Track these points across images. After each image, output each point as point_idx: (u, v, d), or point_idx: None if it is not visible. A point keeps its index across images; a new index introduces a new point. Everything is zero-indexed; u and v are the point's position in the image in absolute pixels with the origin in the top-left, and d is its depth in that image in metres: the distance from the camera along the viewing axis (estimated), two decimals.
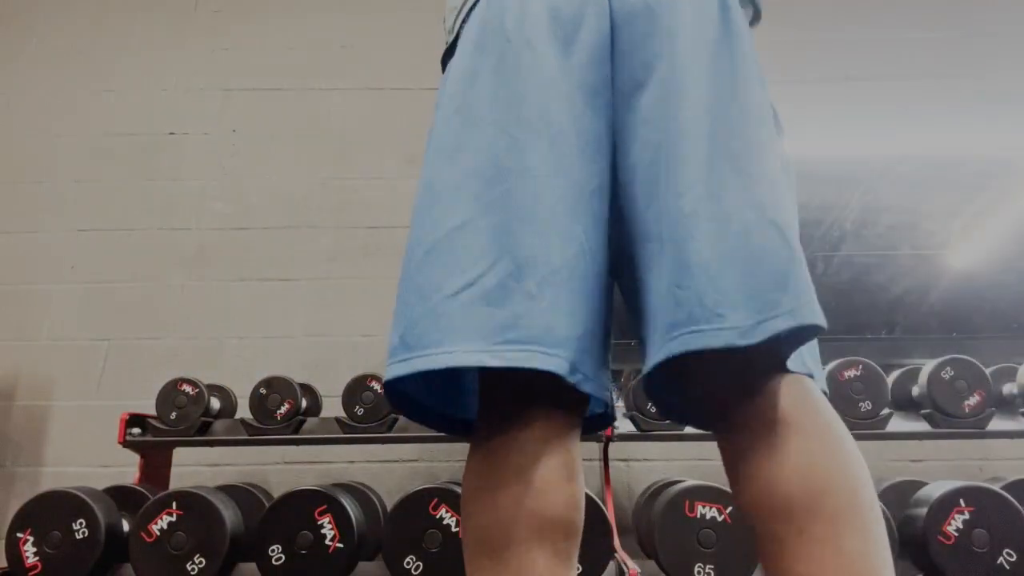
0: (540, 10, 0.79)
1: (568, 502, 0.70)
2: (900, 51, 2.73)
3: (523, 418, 0.71)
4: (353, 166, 2.57)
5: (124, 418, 1.76)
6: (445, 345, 0.66)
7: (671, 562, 1.35)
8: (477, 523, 0.70)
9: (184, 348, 2.33)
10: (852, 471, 0.64)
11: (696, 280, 0.65)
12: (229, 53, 2.74)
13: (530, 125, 0.74)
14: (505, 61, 0.77)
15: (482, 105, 0.76)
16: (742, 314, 0.63)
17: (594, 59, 0.78)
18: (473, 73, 0.79)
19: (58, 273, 2.41)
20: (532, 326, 0.66)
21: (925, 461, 2.16)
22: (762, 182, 0.70)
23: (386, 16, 2.79)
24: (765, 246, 0.66)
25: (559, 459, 0.71)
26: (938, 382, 1.65)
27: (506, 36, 0.78)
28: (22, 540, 1.40)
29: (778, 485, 0.63)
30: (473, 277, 0.68)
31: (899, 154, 2.62)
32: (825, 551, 0.60)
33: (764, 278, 0.65)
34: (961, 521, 1.33)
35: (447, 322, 0.66)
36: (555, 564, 0.67)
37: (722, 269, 0.65)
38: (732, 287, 0.64)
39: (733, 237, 0.66)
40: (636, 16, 0.78)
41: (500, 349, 0.65)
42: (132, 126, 2.62)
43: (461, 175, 0.74)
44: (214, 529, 1.41)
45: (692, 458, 2.18)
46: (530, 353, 0.65)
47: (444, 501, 1.42)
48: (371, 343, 2.34)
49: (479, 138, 0.75)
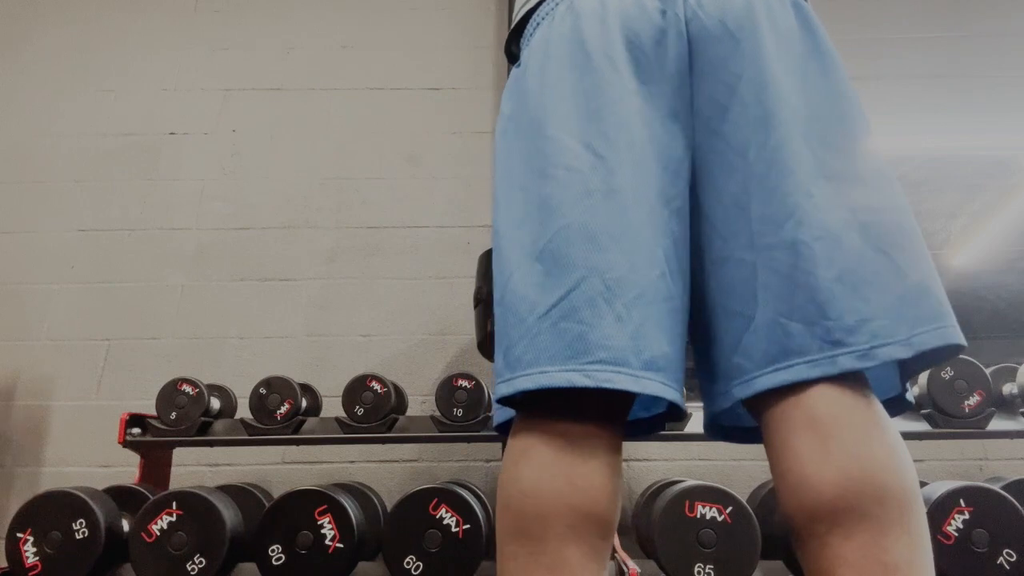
0: (619, 30, 0.78)
1: (608, 502, 0.70)
2: (900, 51, 2.73)
3: (575, 416, 0.71)
4: (353, 166, 2.57)
5: (124, 418, 1.76)
6: (541, 365, 0.68)
7: (671, 562, 1.35)
8: (516, 511, 0.70)
9: (184, 348, 2.33)
10: (903, 477, 0.63)
11: (804, 312, 0.66)
12: (229, 53, 2.74)
13: (614, 143, 0.74)
14: (587, 78, 0.77)
15: (564, 118, 0.76)
16: (856, 338, 0.64)
17: (673, 82, 0.78)
18: (551, 81, 0.78)
19: (58, 273, 2.41)
20: (622, 348, 0.67)
21: (925, 461, 2.16)
22: (864, 190, 0.70)
23: (386, 16, 2.79)
24: (873, 270, 0.67)
25: (604, 459, 0.71)
26: (938, 382, 1.65)
27: (585, 49, 0.78)
28: (22, 540, 1.40)
29: (828, 488, 0.62)
30: (563, 294, 0.69)
31: (899, 154, 2.62)
32: (870, 556, 0.60)
33: (876, 304, 0.66)
34: (961, 521, 1.33)
35: (541, 342, 0.68)
36: (588, 560, 0.68)
37: (832, 298, 0.66)
38: (843, 313, 0.65)
39: (838, 264, 0.67)
40: (714, 39, 0.78)
41: (592, 370, 0.66)
42: (132, 126, 2.62)
43: (547, 190, 0.73)
44: (214, 529, 1.41)
45: (692, 458, 2.18)
46: (619, 374, 0.67)
47: (444, 501, 1.42)
48: (371, 343, 2.34)
49: (563, 153, 0.74)
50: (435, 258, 2.44)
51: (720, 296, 0.74)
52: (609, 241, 0.70)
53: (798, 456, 0.65)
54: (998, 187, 2.61)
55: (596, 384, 0.66)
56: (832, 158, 0.70)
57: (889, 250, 0.68)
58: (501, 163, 0.81)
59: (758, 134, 0.72)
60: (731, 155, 0.74)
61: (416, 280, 2.41)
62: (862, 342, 0.64)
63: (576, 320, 0.68)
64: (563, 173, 0.73)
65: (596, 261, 0.69)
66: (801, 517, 0.64)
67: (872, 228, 0.68)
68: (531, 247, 0.72)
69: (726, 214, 0.74)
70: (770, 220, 0.69)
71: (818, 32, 0.79)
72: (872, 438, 0.64)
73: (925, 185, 2.59)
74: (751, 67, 0.75)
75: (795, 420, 0.67)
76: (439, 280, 2.41)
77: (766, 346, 0.68)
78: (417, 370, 2.30)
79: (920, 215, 2.52)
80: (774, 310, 0.68)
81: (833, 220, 0.68)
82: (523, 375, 0.69)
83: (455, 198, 2.52)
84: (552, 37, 0.81)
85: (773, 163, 0.71)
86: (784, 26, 0.78)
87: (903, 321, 0.65)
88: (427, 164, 2.57)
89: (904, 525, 0.61)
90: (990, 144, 2.64)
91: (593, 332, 0.67)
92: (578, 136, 0.74)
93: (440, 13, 2.81)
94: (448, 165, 2.57)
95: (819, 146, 0.71)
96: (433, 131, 2.62)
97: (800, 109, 0.72)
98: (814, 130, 0.71)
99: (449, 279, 2.40)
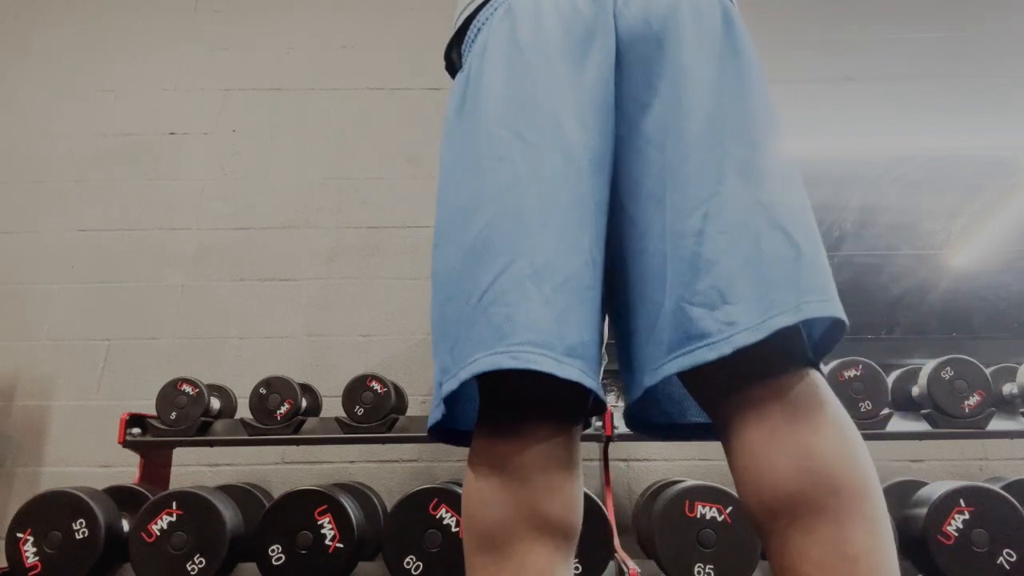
0: (553, 25, 0.80)
1: (569, 502, 0.71)
2: (900, 51, 2.73)
3: (526, 419, 0.71)
4: (353, 166, 2.57)
5: (124, 418, 1.76)
6: (474, 354, 0.67)
7: (671, 562, 1.35)
8: (479, 521, 0.70)
9: (184, 348, 2.33)
10: (859, 468, 0.64)
11: (706, 296, 0.66)
12: (229, 53, 2.74)
13: (543, 132, 0.75)
14: (519, 71, 0.78)
15: (495, 109, 0.77)
16: (751, 317, 0.64)
17: (602, 78, 0.79)
18: (486, 79, 0.79)
19: (58, 273, 2.41)
20: (547, 332, 0.67)
21: (925, 461, 2.16)
22: (770, 184, 0.71)
23: (386, 16, 2.79)
24: (773, 251, 0.67)
25: (561, 460, 0.72)
26: (938, 382, 1.65)
27: (519, 46, 0.79)
28: (22, 540, 1.40)
29: (782, 482, 0.63)
30: (492, 278, 0.69)
31: (899, 154, 2.62)
32: (831, 549, 0.60)
33: (772, 281, 0.66)
34: (961, 521, 1.33)
35: (476, 331, 0.68)
36: (555, 561, 0.68)
37: (731, 283, 0.66)
38: (741, 296, 0.66)
39: (741, 250, 0.67)
40: (640, 38, 0.79)
41: (518, 351, 0.66)
42: (132, 126, 2.62)
43: (480, 181, 0.74)
44: (214, 529, 1.41)
45: (692, 458, 2.18)
46: (544, 357, 0.66)
47: (444, 501, 1.42)
48: (371, 343, 2.34)
49: (495, 144, 0.75)
50: None
51: (638, 285, 0.75)
52: (538, 225, 0.70)
53: (751, 452, 0.66)
54: (998, 187, 2.61)
55: (522, 365, 0.65)
56: (742, 154, 0.72)
57: (786, 226, 0.69)
58: (444, 165, 0.82)
59: (674, 131, 0.74)
60: (649, 149, 0.76)
61: (416, 280, 2.41)
62: (756, 317, 0.65)
63: (504, 303, 0.68)
64: (495, 164, 0.74)
65: (525, 245, 0.69)
66: (761, 513, 0.65)
67: (773, 211, 0.69)
68: (463, 239, 0.73)
69: (643, 207, 0.75)
70: (680, 210, 0.71)
71: (739, 35, 0.80)
72: (825, 430, 0.65)
73: (925, 185, 2.59)
74: (671, 67, 0.77)
75: (747, 415, 0.67)
76: None
77: (671, 332, 0.68)
78: (417, 370, 2.30)
79: (920, 215, 2.54)
80: (679, 296, 0.68)
81: (740, 212, 0.69)
82: (462, 368, 0.68)
83: None
84: (490, 39, 0.82)
85: (687, 158, 0.72)
86: (708, 25, 0.79)
87: (792, 292, 0.66)
88: (427, 164, 2.57)
89: (862, 514, 0.61)
90: (990, 144, 2.64)
91: (520, 313, 0.67)
92: (509, 126, 0.75)
93: (440, 13, 2.78)
94: None
95: (731, 143, 0.72)
96: (433, 131, 2.60)
97: (715, 108, 0.74)
98: (728, 128, 0.73)
99: None
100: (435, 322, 0.75)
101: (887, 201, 2.57)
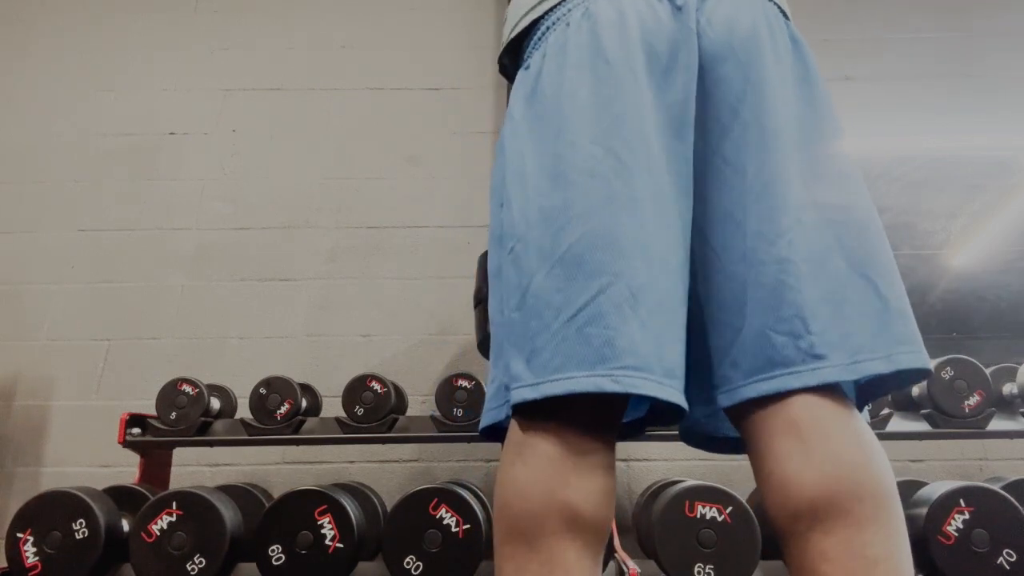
0: (638, 40, 0.79)
1: (603, 499, 0.72)
2: (900, 51, 2.73)
3: (574, 419, 0.72)
4: (353, 166, 2.57)
5: (124, 418, 1.76)
6: (568, 370, 0.68)
7: (671, 562, 1.35)
8: (512, 512, 0.71)
9: (184, 348, 2.33)
10: (882, 477, 0.66)
11: (790, 324, 0.69)
12: (229, 53, 2.74)
13: (636, 152, 0.75)
14: (608, 85, 0.77)
15: (582, 121, 0.77)
16: (839, 355, 0.68)
17: (685, 97, 0.79)
18: (568, 85, 0.79)
19: (58, 273, 2.41)
20: (647, 355, 0.69)
21: (925, 461, 2.16)
22: (851, 221, 0.74)
23: (386, 16, 2.79)
24: (856, 294, 0.71)
25: (599, 460, 0.73)
26: (938, 382, 1.65)
27: (605, 57, 0.79)
28: (22, 540, 1.40)
29: (808, 488, 0.65)
30: (589, 298, 0.70)
31: (899, 154, 2.62)
32: (851, 551, 0.62)
33: (856, 322, 0.70)
34: (961, 521, 1.33)
35: (568, 347, 0.69)
36: (584, 557, 0.69)
37: (815, 314, 0.69)
38: (824, 329, 0.69)
39: (823, 285, 0.70)
40: (723, 59, 0.80)
41: (620, 375, 0.68)
42: (132, 126, 2.62)
43: (569, 194, 0.74)
44: (214, 529, 1.41)
45: (692, 458, 2.18)
46: (647, 381, 0.68)
47: (444, 501, 1.42)
48: (371, 343, 2.34)
49: (585, 158, 0.75)
50: (435, 258, 2.43)
51: (709, 307, 0.77)
52: (632, 248, 0.71)
53: (780, 459, 0.68)
54: (998, 187, 2.61)
55: (624, 389, 0.67)
56: (821, 187, 0.75)
57: (871, 275, 0.72)
58: (512, 164, 0.81)
59: (757, 157, 0.76)
60: (729, 172, 0.77)
61: (416, 280, 2.41)
62: (844, 356, 0.68)
63: (603, 325, 0.68)
64: (585, 178, 0.74)
65: (621, 267, 0.70)
66: (784, 516, 0.67)
67: (855, 254, 0.73)
68: (551, 250, 0.73)
69: (720, 228, 0.77)
70: (763, 238, 0.73)
71: (809, 58, 0.83)
72: (851, 442, 0.68)
73: (925, 185, 2.58)
74: (754, 92, 0.78)
75: (778, 426, 0.70)
76: (439, 280, 2.41)
77: (752, 357, 0.71)
78: (417, 370, 2.30)
79: (920, 215, 2.54)
80: (761, 322, 0.71)
81: (820, 245, 0.72)
82: (550, 381, 0.69)
83: (455, 198, 2.52)
84: (569, 43, 0.81)
85: (768, 185, 0.75)
86: (782, 50, 0.81)
87: (882, 340, 0.70)
88: (427, 164, 2.57)
89: (881, 521, 0.64)
90: (990, 144, 2.64)
91: (621, 338, 0.68)
92: (600, 142, 0.75)
93: (440, 13, 2.81)
94: (448, 165, 2.57)
95: (810, 175, 0.76)
96: (434, 131, 2.62)
97: (795, 137, 0.77)
98: (806, 159, 0.76)
99: (449, 279, 2.40)
100: (499, 324, 0.76)
101: (887, 201, 2.57)
